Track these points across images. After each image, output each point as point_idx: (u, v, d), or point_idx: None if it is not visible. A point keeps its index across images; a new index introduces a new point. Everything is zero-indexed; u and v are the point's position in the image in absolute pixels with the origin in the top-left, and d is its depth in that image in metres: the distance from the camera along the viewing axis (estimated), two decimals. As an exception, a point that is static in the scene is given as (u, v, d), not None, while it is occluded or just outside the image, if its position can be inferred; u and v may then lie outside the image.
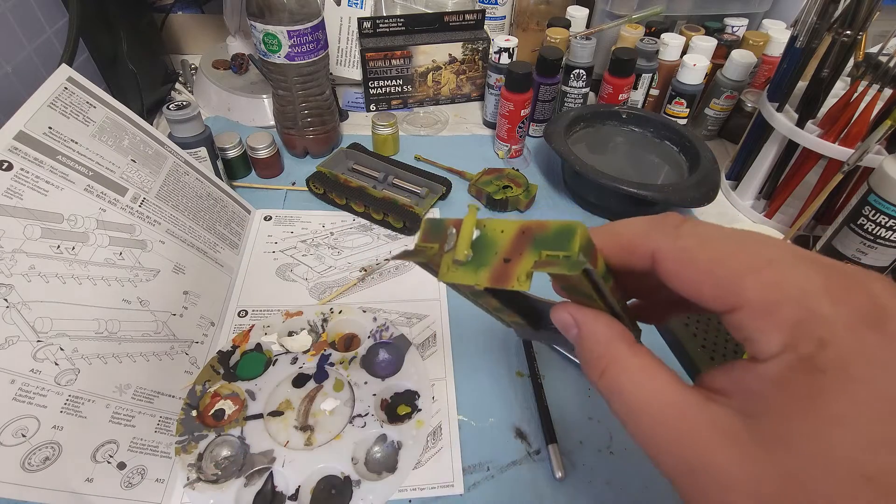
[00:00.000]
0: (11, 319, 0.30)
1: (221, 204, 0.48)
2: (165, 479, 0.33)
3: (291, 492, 0.32)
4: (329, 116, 0.59)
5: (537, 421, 0.38)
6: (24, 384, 0.29)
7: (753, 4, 0.71)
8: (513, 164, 0.63)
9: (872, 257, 0.43)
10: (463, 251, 0.18)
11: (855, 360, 0.13)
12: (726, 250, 0.16)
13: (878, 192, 0.40)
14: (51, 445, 0.29)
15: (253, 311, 0.44)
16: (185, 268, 0.41)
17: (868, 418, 0.13)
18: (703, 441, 0.15)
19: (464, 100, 0.75)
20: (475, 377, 0.40)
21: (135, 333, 0.36)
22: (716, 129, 0.69)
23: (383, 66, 0.67)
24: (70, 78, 0.37)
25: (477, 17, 0.69)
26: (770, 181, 0.54)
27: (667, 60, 0.65)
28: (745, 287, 0.15)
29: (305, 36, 0.50)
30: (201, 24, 0.79)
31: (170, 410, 0.36)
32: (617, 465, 0.36)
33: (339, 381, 0.38)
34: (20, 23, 0.47)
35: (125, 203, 0.39)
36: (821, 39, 0.46)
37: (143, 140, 0.42)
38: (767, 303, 0.14)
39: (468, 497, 0.34)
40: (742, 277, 0.15)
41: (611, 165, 0.54)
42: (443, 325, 0.44)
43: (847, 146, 0.46)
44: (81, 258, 0.34)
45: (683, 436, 0.15)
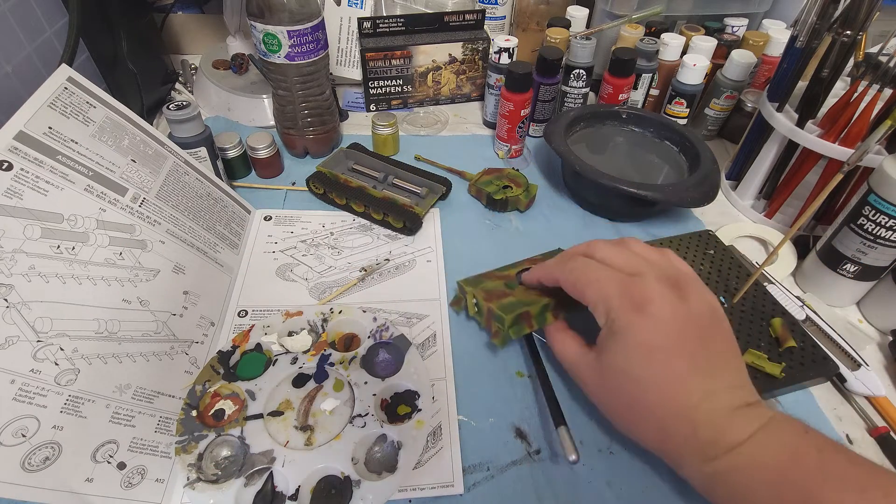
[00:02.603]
0: (11, 319, 0.30)
1: (221, 204, 0.48)
2: (165, 479, 0.33)
3: (291, 492, 0.32)
4: (329, 116, 0.59)
5: (537, 421, 0.38)
6: (24, 384, 0.29)
7: (753, 4, 0.71)
8: (513, 164, 0.63)
9: (872, 257, 0.43)
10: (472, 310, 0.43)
11: (623, 327, 0.31)
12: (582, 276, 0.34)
13: (878, 192, 0.40)
14: (51, 445, 0.29)
15: (253, 311, 0.44)
16: (185, 268, 0.41)
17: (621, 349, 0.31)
18: (581, 368, 0.35)
19: (464, 100, 0.75)
20: (475, 377, 0.40)
21: (135, 333, 0.36)
22: (716, 129, 0.69)
23: (383, 66, 0.67)
24: (70, 78, 0.37)
25: (477, 17, 0.69)
26: (770, 181, 0.54)
27: (667, 60, 0.65)
28: (587, 294, 0.33)
29: (305, 36, 0.50)
30: (201, 24, 0.79)
31: (170, 410, 0.36)
32: (617, 465, 0.36)
33: (339, 381, 0.38)
34: (20, 23, 0.47)
35: (125, 203, 0.39)
36: (821, 39, 0.46)
37: (143, 140, 0.42)
38: (595, 301, 0.32)
39: (468, 497, 0.34)
40: (585, 290, 0.33)
41: (611, 165, 0.54)
42: (443, 325, 0.44)
43: (847, 146, 0.46)
44: (81, 258, 0.34)
45: (575, 368, 0.35)
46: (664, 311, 0.30)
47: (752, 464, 0.27)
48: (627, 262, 0.33)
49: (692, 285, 0.32)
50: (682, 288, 0.31)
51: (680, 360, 0.30)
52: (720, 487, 0.28)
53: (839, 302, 0.48)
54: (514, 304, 0.39)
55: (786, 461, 0.26)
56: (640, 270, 0.32)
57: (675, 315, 0.30)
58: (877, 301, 0.46)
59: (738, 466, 0.27)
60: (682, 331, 0.30)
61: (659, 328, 0.30)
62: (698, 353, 0.30)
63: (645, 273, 0.32)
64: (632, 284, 0.31)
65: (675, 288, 0.31)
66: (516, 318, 0.38)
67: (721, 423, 0.28)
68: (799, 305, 0.45)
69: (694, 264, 0.48)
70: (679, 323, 0.30)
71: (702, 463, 0.29)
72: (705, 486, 0.29)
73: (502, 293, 0.41)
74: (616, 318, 0.31)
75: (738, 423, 0.28)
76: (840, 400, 0.41)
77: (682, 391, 0.29)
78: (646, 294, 0.31)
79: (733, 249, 0.50)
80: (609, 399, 0.33)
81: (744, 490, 0.27)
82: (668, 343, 0.30)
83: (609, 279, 0.32)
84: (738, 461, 0.27)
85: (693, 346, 0.30)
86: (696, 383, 0.29)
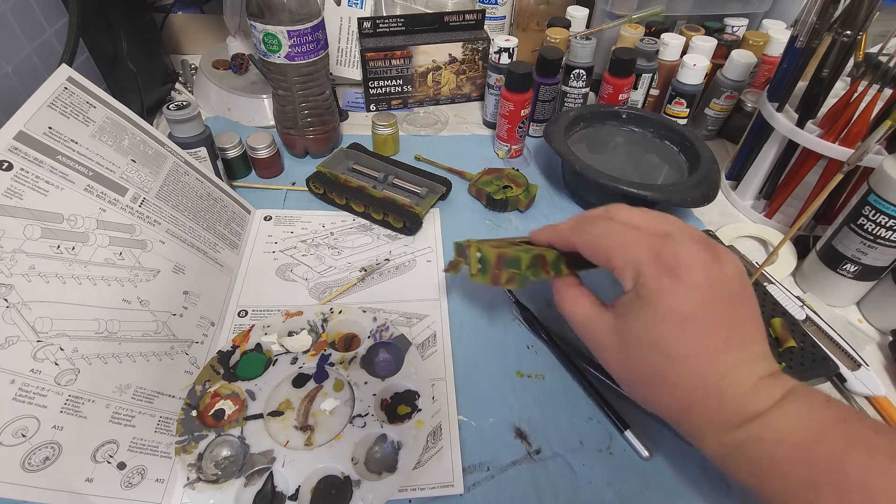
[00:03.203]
0: (11, 319, 0.30)
1: (221, 204, 0.48)
2: (165, 479, 0.33)
3: (291, 492, 0.32)
4: (329, 116, 0.59)
5: (538, 421, 0.38)
6: (24, 384, 0.29)
7: (753, 4, 0.71)
8: (513, 164, 0.63)
9: (872, 257, 0.43)
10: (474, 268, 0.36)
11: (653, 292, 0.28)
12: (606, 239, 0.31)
13: (878, 192, 0.40)
14: (51, 445, 0.29)
15: (253, 311, 0.44)
16: (185, 268, 0.41)
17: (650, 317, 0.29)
18: (596, 330, 0.32)
19: (464, 100, 0.75)
20: (475, 377, 0.40)
21: (135, 333, 0.36)
22: (716, 129, 0.69)
23: (383, 66, 0.67)
24: (70, 78, 0.37)
25: (477, 17, 0.69)
26: (770, 181, 0.54)
27: (667, 60, 0.65)
28: (614, 258, 0.30)
29: (305, 36, 0.50)
30: (201, 24, 0.79)
31: (170, 410, 0.36)
32: (617, 465, 0.36)
33: (339, 381, 0.38)
34: (20, 23, 0.47)
35: (125, 203, 0.39)
36: (821, 39, 0.46)
37: (143, 140, 0.42)
38: (623, 266, 0.30)
39: (468, 497, 0.34)
40: (612, 254, 0.30)
41: (611, 165, 0.54)
42: (443, 325, 0.44)
43: (847, 146, 0.46)
44: (81, 258, 0.34)
45: (588, 328, 0.33)
46: (699, 275, 0.28)
47: (776, 435, 0.26)
48: (654, 222, 0.31)
49: (721, 247, 0.30)
50: (715, 250, 0.29)
51: (714, 330, 0.28)
52: (742, 459, 0.27)
53: (839, 302, 0.48)
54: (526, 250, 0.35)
55: (811, 431, 0.25)
56: (670, 231, 0.30)
57: (708, 280, 0.28)
58: (877, 301, 0.46)
59: (762, 437, 0.26)
60: (715, 298, 0.28)
61: (693, 295, 0.28)
62: (732, 322, 0.28)
63: (675, 233, 0.30)
64: (664, 246, 0.29)
65: (708, 249, 0.29)
66: (533, 259, 0.35)
67: (747, 394, 0.27)
68: (799, 305, 0.45)
69: (694, 264, 0.48)
70: (713, 289, 0.28)
71: (723, 434, 0.28)
72: (726, 459, 0.28)
73: (508, 246, 0.36)
74: (646, 283, 0.28)
75: (762, 393, 0.27)
76: (840, 400, 0.41)
77: (713, 365, 0.28)
78: (680, 256, 0.28)
79: (733, 249, 0.50)
80: (629, 369, 0.31)
81: (768, 461, 0.26)
82: (701, 312, 0.28)
83: (638, 241, 0.29)
84: (762, 432, 0.26)
85: (727, 316, 0.28)
86: (727, 356, 0.28)
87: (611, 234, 0.31)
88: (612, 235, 0.31)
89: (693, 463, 0.36)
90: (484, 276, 0.36)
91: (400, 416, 0.37)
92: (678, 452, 0.36)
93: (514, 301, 0.45)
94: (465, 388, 0.40)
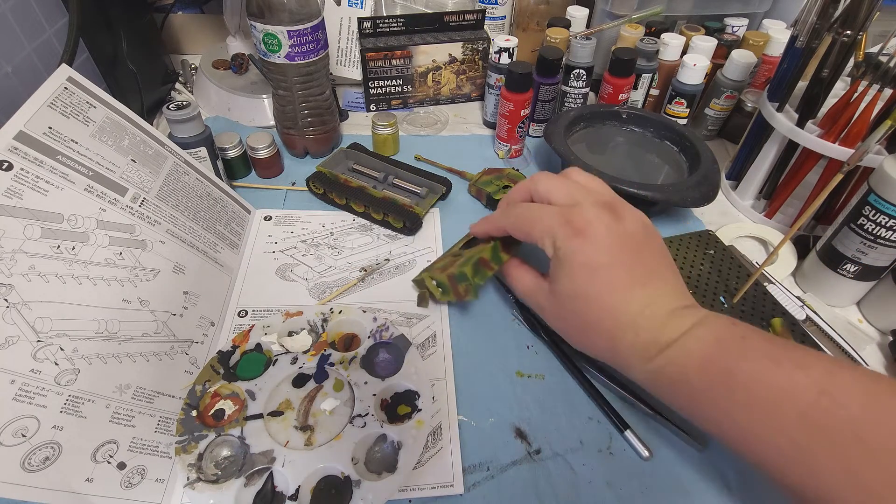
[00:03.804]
0: (11, 319, 0.30)
1: (221, 204, 0.48)
2: (165, 479, 0.33)
3: (291, 492, 0.32)
4: (329, 116, 0.59)
5: (538, 421, 0.38)
6: (24, 384, 0.29)
7: (753, 4, 0.71)
8: (513, 164, 0.63)
9: (872, 257, 0.43)
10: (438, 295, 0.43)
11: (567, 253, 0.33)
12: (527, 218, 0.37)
13: (878, 192, 0.40)
14: (51, 445, 0.29)
15: (253, 311, 0.44)
16: (185, 268, 0.41)
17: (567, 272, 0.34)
18: (538, 297, 0.37)
19: (464, 100, 0.75)
20: (475, 377, 0.40)
21: (135, 333, 0.36)
22: (716, 129, 0.69)
23: (383, 66, 0.67)
24: (70, 78, 0.37)
25: (477, 17, 0.69)
26: (770, 181, 0.54)
27: (667, 60, 0.65)
28: (534, 233, 0.36)
29: (305, 36, 0.50)
30: (201, 24, 0.79)
31: (170, 410, 0.36)
32: (617, 465, 0.36)
33: (339, 381, 0.38)
34: (20, 23, 0.47)
35: (125, 203, 0.39)
36: (821, 39, 0.46)
37: (143, 140, 0.42)
38: (542, 237, 0.35)
39: (468, 497, 0.34)
40: (531, 230, 0.36)
41: (611, 165, 0.54)
42: (443, 325, 0.44)
43: (847, 146, 0.46)
44: (81, 258, 0.34)
45: (532, 297, 0.38)
46: (601, 231, 0.33)
47: (683, 354, 0.30)
48: (567, 193, 0.36)
49: (625, 207, 0.35)
50: (616, 210, 0.34)
51: (619, 273, 0.33)
52: (661, 381, 0.31)
53: (839, 302, 0.48)
54: (467, 260, 0.41)
55: (711, 347, 0.29)
56: (578, 199, 0.35)
57: (610, 233, 0.33)
58: (877, 301, 0.46)
59: (673, 359, 0.30)
60: (618, 246, 0.33)
61: (598, 247, 0.33)
62: (636, 265, 0.33)
63: (581, 201, 0.35)
64: (571, 214, 0.34)
65: (610, 210, 0.34)
66: (475, 266, 0.41)
67: (659, 325, 0.31)
68: (799, 305, 0.45)
69: (694, 264, 0.48)
70: (615, 239, 0.33)
71: (645, 363, 0.32)
72: (648, 384, 0.33)
73: (453, 261, 0.44)
74: (561, 246, 0.34)
75: (673, 323, 0.31)
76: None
77: (623, 301, 0.32)
78: (585, 218, 0.33)
79: (733, 249, 0.50)
80: (564, 321, 0.36)
81: (679, 378, 0.30)
82: (607, 259, 0.33)
83: (550, 215, 0.35)
84: (673, 355, 0.30)
85: (630, 259, 0.33)
86: (635, 293, 0.32)
87: (530, 213, 0.37)
88: (531, 214, 0.36)
89: (693, 463, 0.36)
90: (449, 296, 0.42)
91: (400, 416, 0.37)
92: (678, 452, 0.36)
93: (514, 301, 0.45)
94: (465, 388, 0.40)
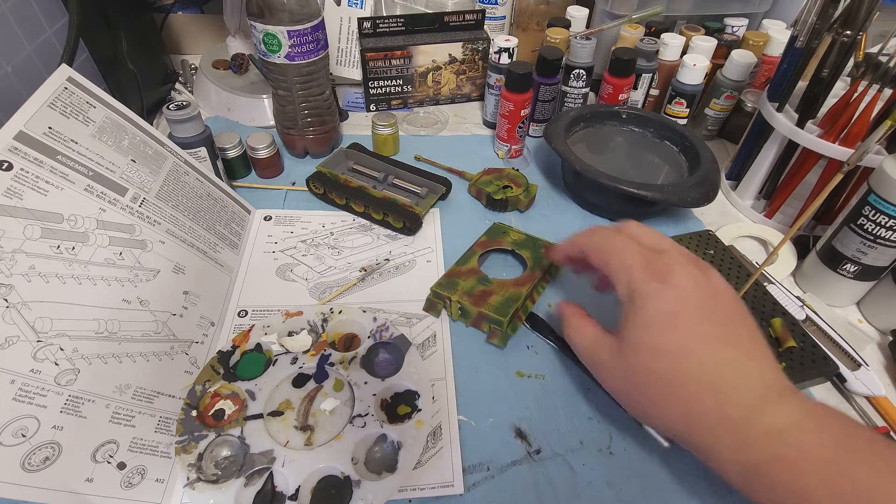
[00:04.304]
0: (11, 319, 0.30)
1: (221, 204, 0.48)
2: (165, 479, 0.33)
3: (291, 492, 0.32)
4: (329, 116, 0.59)
5: (537, 421, 0.38)
6: (24, 384, 0.29)
7: (753, 4, 0.71)
8: (513, 164, 0.63)
9: (872, 257, 0.43)
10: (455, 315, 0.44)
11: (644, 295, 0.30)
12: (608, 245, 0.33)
13: (878, 192, 0.40)
14: (51, 445, 0.29)
15: (253, 311, 0.44)
16: (185, 268, 0.41)
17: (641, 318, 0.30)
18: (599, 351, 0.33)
19: (464, 100, 0.75)
20: (475, 377, 0.40)
21: (135, 333, 0.36)
22: (716, 129, 0.69)
23: (383, 66, 0.67)
24: (70, 78, 0.37)
25: (477, 17, 0.69)
26: (770, 181, 0.54)
27: (667, 60, 0.65)
28: (611, 263, 0.33)
29: (305, 36, 0.50)
30: (201, 24, 0.79)
31: (170, 410, 0.36)
32: (617, 465, 0.36)
33: (339, 381, 0.38)
34: (20, 23, 0.47)
35: (125, 203, 0.39)
36: (821, 39, 0.46)
37: (143, 140, 0.42)
38: (617, 270, 0.32)
39: (468, 497, 0.34)
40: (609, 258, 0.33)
41: (611, 165, 0.54)
42: (443, 324, 0.44)
43: (847, 146, 0.46)
44: (81, 258, 0.34)
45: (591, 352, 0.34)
46: (686, 280, 0.30)
47: (797, 454, 0.25)
48: (654, 241, 0.33)
49: (715, 271, 0.32)
50: (704, 267, 0.32)
51: (702, 326, 0.28)
52: (759, 481, 0.26)
53: (839, 302, 0.48)
54: (503, 303, 0.42)
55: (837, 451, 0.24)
56: (665, 248, 0.32)
57: (698, 287, 0.30)
58: (877, 301, 0.46)
59: (781, 457, 0.25)
60: (705, 301, 0.29)
61: (682, 296, 0.29)
62: (722, 323, 0.29)
63: (669, 250, 0.32)
64: (655, 257, 0.31)
65: (697, 265, 0.31)
66: (512, 318, 0.42)
67: (753, 402, 0.26)
68: (799, 305, 0.45)
69: (694, 264, 0.48)
70: (703, 294, 0.29)
71: (736, 451, 0.26)
72: (738, 479, 0.27)
73: (483, 292, 0.43)
74: (637, 287, 0.30)
75: (774, 407, 0.26)
76: (840, 400, 0.41)
77: (705, 357, 0.28)
78: (669, 266, 0.30)
79: (733, 249, 0.50)
80: (628, 382, 0.31)
81: (790, 486, 0.24)
82: (691, 310, 0.29)
83: (633, 251, 0.32)
84: (784, 451, 0.25)
85: (718, 317, 0.29)
86: (720, 351, 0.28)
87: (614, 240, 0.34)
88: (614, 242, 0.33)
89: (693, 463, 0.36)
90: (466, 320, 0.44)
91: (400, 416, 0.37)
92: (678, 452, 0.36)
93: None
94: (465, 388, 0.40)
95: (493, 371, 0.41)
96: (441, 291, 0.44)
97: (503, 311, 0.41)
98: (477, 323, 0.43)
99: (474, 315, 0.42)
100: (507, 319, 0.41)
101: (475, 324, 0.43)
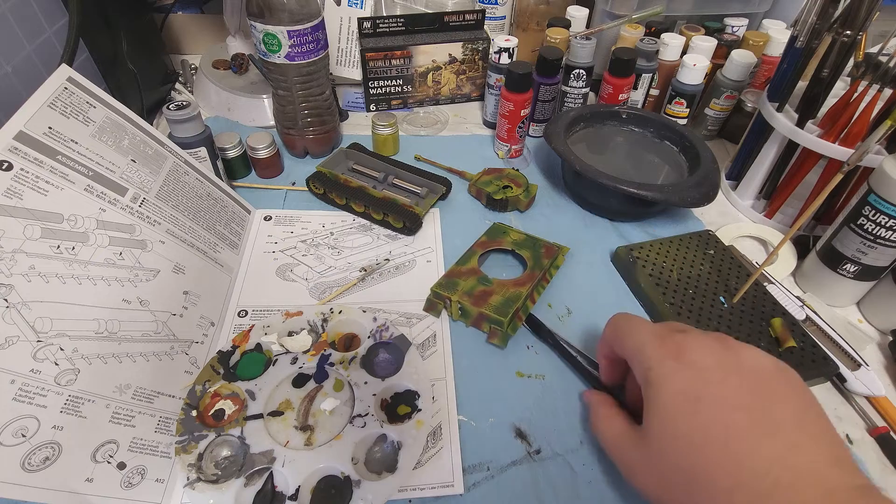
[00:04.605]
0: (11, 319, 0.30)
1: (221, 204, 0.48)
2: (165, 479, 0.33)
3: (291, 492, 0.32)
4: (329, 116, 0.59)
5: (538, 421, 0.38)
6: (24, 384, 0.29)
7: (753, 4, 0.71)
8: (513, 164, 0.63)
9: (872, 257, 0.43)
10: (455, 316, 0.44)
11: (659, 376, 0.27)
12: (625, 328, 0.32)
13: (878, 192, 0.40)
14: (51, 445, 0.29)
15: (253, 311, 0.44)
16: (185, 268, 0.41)
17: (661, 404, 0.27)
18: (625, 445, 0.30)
19: (464, 100, 0.75)
20: (475, 377, 0.40)
21: (135, 333, 0.36)
22: (716, 129, 0.69)
23: (383, 66, 0.67)
24: (70, 78, 0.37)
25: (477, 17, 0.69)
26: (770, 181, 0.54)
27: (667, 60, 0.65)
28: (626, 345, 0.31)
29: (305, 36, 0.50)
30: (201, 24, 0.79)
31: (170, 410, 0.36)
32: (617, 465, 0.36)
33: (339, 381, 0.38)
34: (20, 23, 0.47)
35: (125, 203, 0.39)
36: (821, 39, 0.46)
37: (143, 140, 0.42)
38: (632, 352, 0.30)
39: (468, 497, 0.34)
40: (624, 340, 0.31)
41: (611, 165, 0.54)
42: (443, 325, 0.44)
43: (847, 146, 0.46)
44: (81, 258, 0.34)
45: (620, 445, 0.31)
46: (707, 358, 0.26)
47: None
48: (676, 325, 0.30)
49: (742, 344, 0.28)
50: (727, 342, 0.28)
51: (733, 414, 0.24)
52: None
53: (839, 302, 0.48)
54: (503, 303, 0.42)
55: None
56: (686, 329, 0.29)
57: (720, 364, 0.26)
58: (877, 301, 0.46)
59: None
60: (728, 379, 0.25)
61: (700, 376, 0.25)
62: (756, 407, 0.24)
63: (690, 330, 0.29)
64: (669, 334, 0.29)
65: (719, 341, 0.28)
66: (513, 318, 0.42)
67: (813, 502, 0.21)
68: (799, 305, 0.45)
69: (694, 264, 0.48)
70: (726, 371, 0.25)
71: None
72: None
73: (483, 293, 0.43)
74: (651, 366, 0.27)
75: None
76: (840, 400, 0.41)
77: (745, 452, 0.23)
78: (685, 342, 0.27)
79: (733, 249, 0.50)
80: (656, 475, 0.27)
81: None
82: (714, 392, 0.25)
83: (649, 329, 0.30)
84: None
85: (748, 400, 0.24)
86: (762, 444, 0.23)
87: (627, 322, 0.32)
88: (627, 323, 0.32)
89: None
90: (466, 320, 0.44)
91: (400, 416, 0.37)
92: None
93: None
94: (465, 388, 0.40)
95: (493, 371, 0.41)
96: (441, 291, 0.44)
97: (503, 311, 0.41)
98: (477, 323, 0.43)
99: (474, 315, 0.42)
100: (508, 320, 0.41)
101: (475, 324, 0.43)
